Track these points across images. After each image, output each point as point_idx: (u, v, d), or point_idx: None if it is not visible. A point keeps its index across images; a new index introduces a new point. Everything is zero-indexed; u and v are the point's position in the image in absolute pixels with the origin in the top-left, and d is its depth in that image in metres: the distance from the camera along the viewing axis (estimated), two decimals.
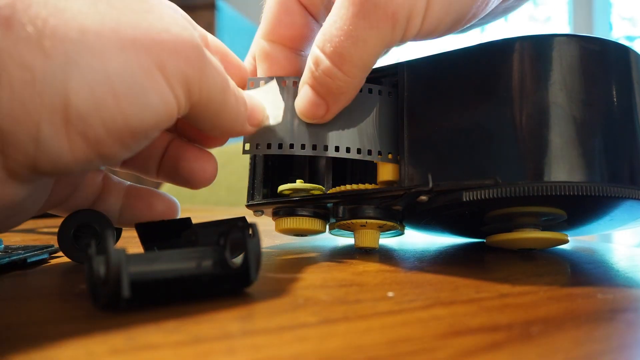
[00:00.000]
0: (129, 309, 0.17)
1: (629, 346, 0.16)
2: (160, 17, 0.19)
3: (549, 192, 0.23)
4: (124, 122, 0.18)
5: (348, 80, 0.24)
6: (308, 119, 0.26)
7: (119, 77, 0.17)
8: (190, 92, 0.19)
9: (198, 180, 0.25)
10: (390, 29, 0.22)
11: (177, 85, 0.19)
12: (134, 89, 0.18)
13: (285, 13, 0.27)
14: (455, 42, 0.27)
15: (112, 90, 0.17)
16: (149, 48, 0.18)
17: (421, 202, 0.26)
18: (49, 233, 0.40)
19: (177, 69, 0.19)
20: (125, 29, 0.18)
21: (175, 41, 0.19)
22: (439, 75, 0.26)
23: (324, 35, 0.23)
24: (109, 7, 0.18)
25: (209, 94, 0.20)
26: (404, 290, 0.20)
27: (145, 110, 0.18)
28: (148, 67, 0.18)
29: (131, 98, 0.18)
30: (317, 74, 0.24)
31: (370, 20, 0.22)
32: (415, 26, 0.23)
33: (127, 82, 0.17)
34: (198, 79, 0.19)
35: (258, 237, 0.18)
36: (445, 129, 0.25)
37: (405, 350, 0.14)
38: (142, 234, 0.23)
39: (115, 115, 0.17)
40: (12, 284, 0.21)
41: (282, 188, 0.29)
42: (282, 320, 0.16)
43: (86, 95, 0.17)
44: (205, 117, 0.21)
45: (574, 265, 0.28)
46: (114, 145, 0.18)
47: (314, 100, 0.25)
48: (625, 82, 0.25)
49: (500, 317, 0.17)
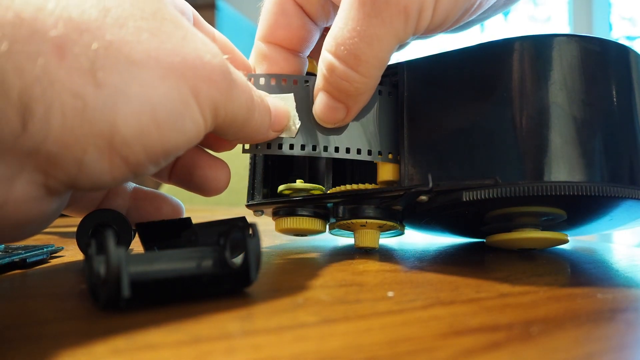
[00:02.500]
0: (129, 309, 0.17)
1: (629, 346, 0.16)
2: (194, 43, 0.20)
3: (549, 192, 0.23)
4: (161, 146, 0.19)
5: (365, 80, 0.24)
6: (329, 124, 0.26)
7: (161, 105, 0.18)
8: (217, 115, 0.20)
9: (212, 189, 0.25)
10: (403, 24, 0.22)
11: (207, 110, 0.20)
12: (173, 116, 0.19)
13: (282, 15, 0.28)
14: (455, 42, 0.27)
15: (155, 118, 0.18)
16: (186, 76, 0.19)
17: (421, 202, 0.26)
18: (49, 233, 0.40)
19: (208, 95, 0.20)
20: (166, 57, 0.19)
21: (208, 69, 0.20)
22: (439, 75, 0.26)
23: (335, 39, 0.23)
24: (151, 36, 0.18)
25: (234, 114, 0.21)
26: (404, 290, 0.20)
27: (180, 134, 0.19)
28: (185, 94, 0.19)
29: (170, 125, 0.19)
30: (333, 79, 0.24)
31: (383, 17, 0.22)
32: (426, 18, 0.23)
33: (168, 110, 0.18)
34: (225, 102, 0.20)
35: (258, 237, 0.18)
36: (445, 128, 0.25)
37: (405, 350, 0.14)
38: (142, 234, 0.23)
39: (155, 140, 0.18)
40: (12, 284, 0.21)
41: (282, 188, 0.29)
42: (282, 320, 0.16)
43: (132, 123, 0.18)
44: (228, 131, 0.22)
45: (574, 265, 0.28)
46: (149, 165, 0.19)
47: (332, 105, 0.25)
48: (625, 82, 0.25)
49: (500, 317, 0.17)
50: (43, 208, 0.18)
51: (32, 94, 0.16)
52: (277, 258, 0.27)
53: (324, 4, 0.27)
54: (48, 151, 0.17)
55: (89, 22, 0.17)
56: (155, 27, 0.19)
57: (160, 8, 0.19)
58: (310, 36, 0.28)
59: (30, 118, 0.16)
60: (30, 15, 0.16)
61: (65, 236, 0.37)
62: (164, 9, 0.20)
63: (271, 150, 0.26)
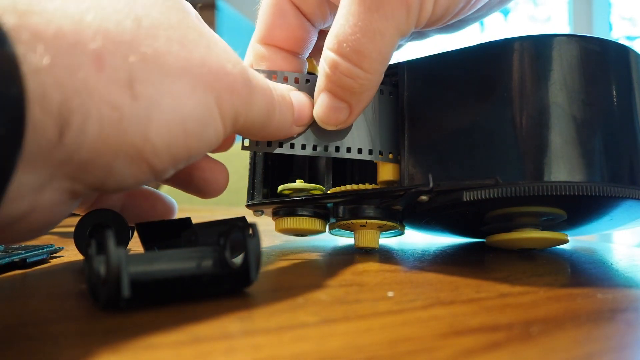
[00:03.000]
0: (129, 309, 0.17)
1: (629, 346, 0.16)
2: (217, 52, 0.20)
3: (549, 192, 0.23)
4: (186, 154, 0.19)
5: (369, 77, 0.24)
6: (331, 125, 0.25)
7: (190, 116, 0.19)
8: (236, 122, 0.21)
9: (210, 191, 0.26)
10: (405, 16, 0.22)
11: (228, 118, 0.20)
12: (201, 126, 0.19)
13: (279, 16, 0.28)
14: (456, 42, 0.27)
15: (184, 128, 0.19)
16: (213, 86, 0.19)
17: (421, 202, 0.26)
18: (49, 233, 0.40)
19: (230, 104, 0.20)
20: (195, 68, 0.19)
21: (231, 78, 0.20)
22: (439, 75, 0.26)
23: (337, 36, 0.23)
24: (181, 47, 0.19)
25: (253, 119, 0.22)
26: (404, 290, 0.20)
27: (203, 142, 0.20)
28: (210, 105, 0.19)
29: (197, 134, 0.19)
30: (336, 77, 0.24)
31: (385, 10, 0.22)
32: (427, 10, 0.23)
33: (196, 120, 0.19)
34: (245, 110, 0.21)
35: (258, 237, 0.18)
36: (446, 128, 0.25)
37: (405, 350, 0.14)
38: (142, 234, 0.23)
39: (181, 149, 0.19)
40: (12, 284, 0.21)
41: (282, 188, 0.29)
42: (282, 320, 0.16)
43: (164, 134, 0.18)
44: (247, 134, 0.23)
45: (574, 265, 0.28)
46: (171, 170, 0.19)
47: (334, 105, 0.24)
48: (625, 82, 0.25)
49: (500, 317, 0.17)
50: (65, 212, 0.19)
51: (71, 106, 0.16)
52: (277, 258, 0.27)
53: (321, 5, 0.27)
54: (80, 159, 0.17)
55: (124, 34, 0.17)
56: (183, 36, 0.19)
57: (185, 17, 0.20)
58: (309, 37, 0.28)
59: (67, 129, 0.16)
60: (71, 28, 0.16)
61: (65, 236, 0.37)
62: (188, 18, 0.20)
63: (271, 149, 0.26)
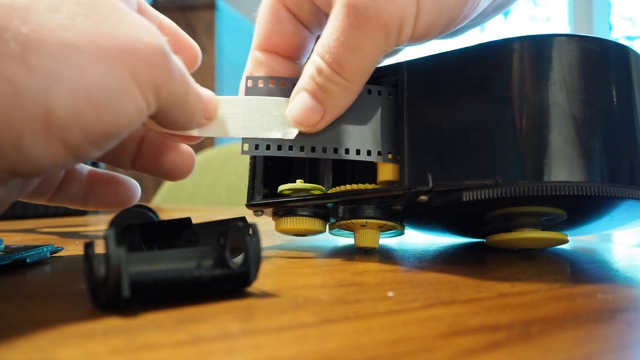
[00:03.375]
0: (129, 309, 0.17)
1: (629, 346, 0.16)
2: (133, 26, 0.20)
3: (549, 192, 0.23)
4: (100, 128, 0.19)
5: (350, 85, 0.24)
6: (301, 125, 0.26)
7: (97, 88, 0.18)
8: (159, 96, 0.20)
9: (179, 173, 0.26)
10: (384, 37, 0.23)
11: (148, 91, 0.20)
12: (111, 98, 0.19)
13: (276, 23, 0.28)
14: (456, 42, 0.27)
15: (91, 100, 0.18)
16: (124, 58, 0.19)
17: (421, 202, 0.26)
18: (49, 233, 0.40)
19: (149, 76, 0.20)
20: (102, 40, 0.18)
21: (148, 50, 0.20)
22: (439, 75, 0.26)
23: (323, 46, 0.24)
24: (86, 20, 0.18)
25: (174, 95, 0.21)
26: (404, 290, 0.20)
27: (119, 116, 0.19)
28: (123, 76, 0.19)
29: (108, 106, 0.19)
30: (319, 80, 0.24)
31: (364, 30, 0.23)
32: (407, 32, 0.23)
33: (105, 92, 0.18)
34: (166, 83, 0.20)
35: (258, 237, 0.18)
36: (445, 128, 0.25)
37: (405, 350, 0.14)
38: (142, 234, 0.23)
39: (92, 122, 0.18)
40: (12, 284, 0.21)
41: (282, 188, 0.29)
42: (282, 320, 0.16)
43: (67, 106, 0.18)
44: (168, 114, 0.22)
45: (574, 265, 0.28)
46: (90, 148, 0.19)
47: (311, 105, 0.25)
48: (625, 82, 0.25)
49: (500, 317, 0.17)
50: None
51: None
52: (277, 258, 0.27)
53: (317, 12, 0.28)
54: None
55: (19, 8, 0.17)
56: (91, 10, 0.19)
57: None
58: (305, 43, 0.29)
59: None
60: None
61: (65, 236, 0.38)
62: None
63: (270, 152, 0.26)
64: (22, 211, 0.54)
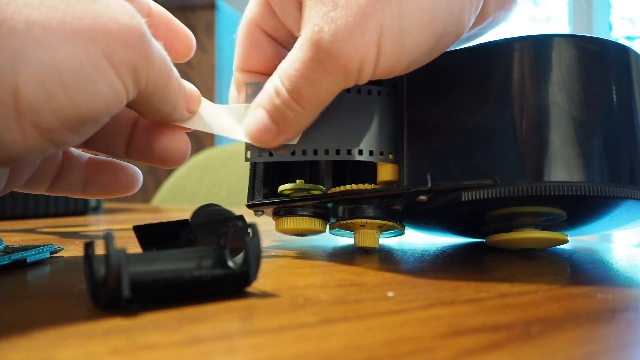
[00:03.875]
0: (129, 309, 0.17)
1: (629, 346, 0.16)
2: (107, 5, 0.19)
3: (549, 192, 0.23)
4: (74, 111, 0.18)
5: (305, 113, 0.24)
6: (255, 141, 0.25)
7: (66, 68, 0.18)
8: (138, 79, 0.20)
9: (174, 159, 0.25)
10: (343, 77, 0.23)
11: (125, 73, 0.19)
12: (82, 79, 0.18)
13: (254, 46, 0.28)
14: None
15: (61, 81, 0.18)
16: (96, 38, 0.18)
17: (420, 202, 0.26)
18: (49, 233, 0.40)
19: (125, 57, 0.19)
20: (72, 20, 0.18)
21: (123, 30, 0.19)
22: (438, 75, 0.26)
23: (284, 72, 0.24)
24: (57, 1, 0.18)
25: (155, 80, 0.21)
26: (404, 290, 0.20)
27: (94, 98, 0.18)
28: (96, 57, 0.18)
29: (80, 88, 0.18)
30: (277, 102, 0.24)
31: (324, 67, 0.23)
32: (367, 74, 0.23)
33: (75, 73, 0.18)
34: (145, 66, 0.20)
35: (258, 237, 0.18)
36: (445, 129, 0.25)
37: (405, 350, 0.14)
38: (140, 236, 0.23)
39: (65, 104, 0.18)
40: (12, 284, 0.21)
41: (283, 188, 0.29)
42: (282, 320, 0.16)
43: (35, 87, 0.17)
44: (150, 102, 0.21)
45: (574, 265, 0.28)
46: (66, 133, 0.19)
47: (267, 125, 0.25)
48: (624, 82, 0.25)
49: (500, 317, 0.17)
50: None
51: None
52: (277, 258, 0.27)
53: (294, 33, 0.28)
54: None
55: None
56: None
57: None
58: None
59: None
60: None
61: (65, 236, 0.38)
62: None
63: (274, 158, 0.26)
64: (22, 211, 0.54)
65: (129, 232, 0.26)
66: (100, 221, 0.53)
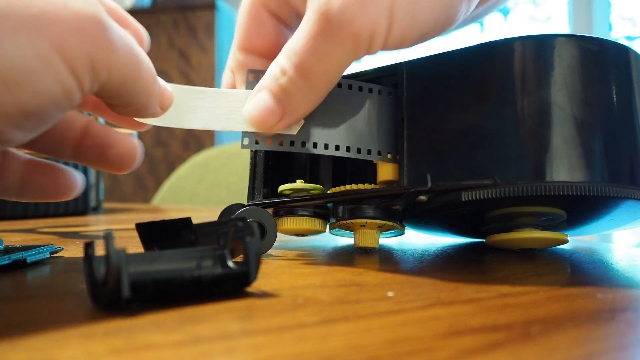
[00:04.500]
0: (129, 309, 0.17)
1: (629, 346, 0.16)
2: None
3: (549, 192, 0.23)
4: (16, 108, 0.17)
5: (312, 91, 0.24)
6: (256, 125, 0.25)
7: (8, 63, 0.16)
8: (96, 72, 0.19)
9: (125, 166, 0.24)
10: (354, 48, 0.23)
11: (79, 66, 0.18)
12: (24, 74, 0.17)
13: (256, 25, 0.27)
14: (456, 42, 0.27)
15: (1, 77, 0.16)
16: (45, 29, 0.17)
17: (420, 202, 0.26)
18: (49, 233, 0.40)
19: (79, 49, 0.18)
20: (17, 10, 0.17)
21: (76, 18, 0.17)
22: (438, 75, 0.26)
23: (290, 49, 0.23)
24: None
25: (121, 70, 0.19)
26: (404, 290, 0.20)
27: (40, 95, 0.17)
28: (44, 50, 0.17)
29: (22, 84, 0.17)
30: (282, 81, 0.24)
31: (334, 39, 0.22)
32: (378, 44, 0.23)
33: (18, 68, 0.17)
34: (105, 57, 0.18)
35: (258, 237, 0.18)
36: (445, 128, 0.25)
37: (405, 350, 0.14)
38: (142, 234, 0.23)
39: (7, 100, 0.17)
40: (12, 284, 0.21)
41: (283, 188, 0.29)
42: (282, 320, 0.16)
43: None
44: (119, 94, 0.20)
45: (574, 265, 0.28)
46: (9, 129, 0.18)
47: (271, 107, 0.24)
48: (625, 82, 0.25)
49: (500, 317, 0.17)
50: None
51: None
52: (277, 258, 0.27)
53: (298, 14, 0.27)
54: None
55: None
56: None
57: None
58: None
59: None
60: None
61: (65, 236, 0.38)
62: None
63: (272, 147, 0.26)
64: (22, 211, 0.54)
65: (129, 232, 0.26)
66: (100, 221, 0.53)
